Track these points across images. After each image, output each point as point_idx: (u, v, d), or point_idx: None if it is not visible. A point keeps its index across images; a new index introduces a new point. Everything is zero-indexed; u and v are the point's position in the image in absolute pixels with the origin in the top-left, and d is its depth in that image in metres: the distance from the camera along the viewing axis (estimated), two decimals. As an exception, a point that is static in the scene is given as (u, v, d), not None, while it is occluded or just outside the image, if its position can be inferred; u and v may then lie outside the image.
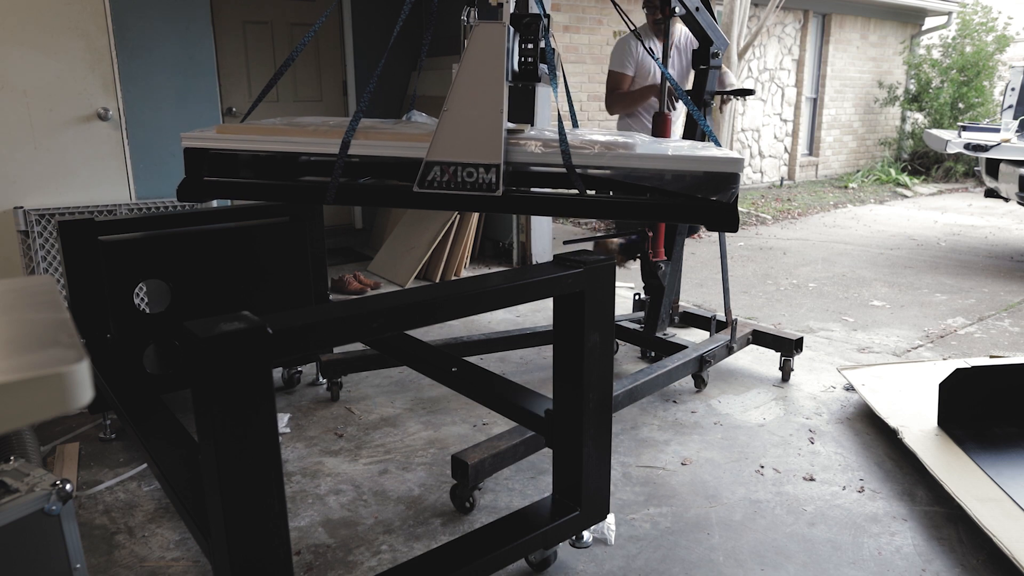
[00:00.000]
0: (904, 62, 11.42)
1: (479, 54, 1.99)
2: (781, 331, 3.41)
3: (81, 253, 2.59)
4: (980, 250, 6.26)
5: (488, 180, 2.01)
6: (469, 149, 2.01)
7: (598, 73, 7.62)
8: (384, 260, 5.22)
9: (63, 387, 0.74)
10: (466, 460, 2.20)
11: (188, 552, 2.10)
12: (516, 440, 2.31)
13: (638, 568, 2.02)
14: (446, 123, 2.01)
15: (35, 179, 3.25)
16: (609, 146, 2.02)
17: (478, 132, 2.00)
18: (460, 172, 2.02)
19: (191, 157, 2.25)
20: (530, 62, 2.08)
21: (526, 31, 2.06)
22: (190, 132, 2.28)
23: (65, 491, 1.50)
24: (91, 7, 3.23)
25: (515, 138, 2.08)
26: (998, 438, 2.54)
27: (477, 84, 2.00)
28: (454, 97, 2.00)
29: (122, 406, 2.40)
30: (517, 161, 2.07)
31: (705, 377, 3.18)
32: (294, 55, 2.29)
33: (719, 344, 3.20)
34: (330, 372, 3.10)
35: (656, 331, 3.42)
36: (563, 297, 1.84)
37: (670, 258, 3.37)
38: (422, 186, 2.04)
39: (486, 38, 1.98)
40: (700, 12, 2.98)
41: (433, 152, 2.03)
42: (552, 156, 2.03)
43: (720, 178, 1.94)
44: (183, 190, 2.29)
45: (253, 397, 1.34)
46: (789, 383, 3.30)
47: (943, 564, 2.05)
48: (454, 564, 1.75)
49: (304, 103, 5.92)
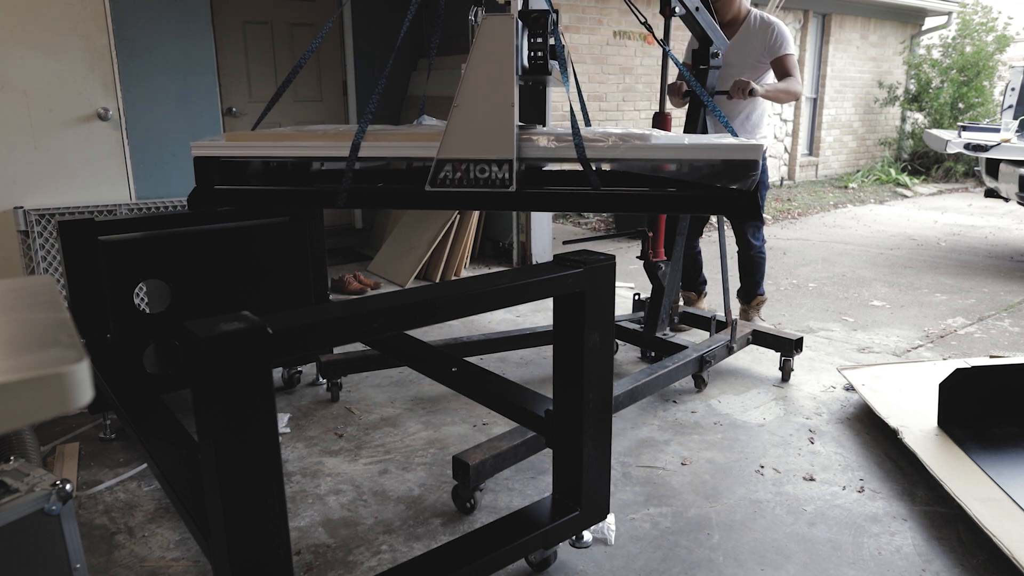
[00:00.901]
0: (904, 62, 11.42)
1: (488, 48, 1.97)
2: (781, 331, 3.41)
3: (81, 253, 2.59)
4: (980, 250, 6.26)
5: (501, 176, 1.99)
6: (481, 145, 1.99)
7: (598, 73, 7.62)
8: (384, 260, 5.22)
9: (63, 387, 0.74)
10: (467, 461, 2.20)
11: (188, 552, 2.10)
12: (517, 441, 2.31)
13: (638, 568, 2.02)
14: (456, 119, 1.99)
15: (35, 179, 3.25)
16: (624, 138, 2.00)
17: (489, 127, 1.98)
18: (472, 169, 2.00)
19: (201, 165, 2.24)
20: (540, 56, 2.06)
21: (535, 25, 2.04)
22: (200, 140, 2.27)
23: (65, 491, 1.50)
24: (91, 7, 3.23)
25: (527, 133, 2.07)
26: (998, 438, 2.54)
27: (487, 78, 1.98)
28: (464, 92, 1.98)
29: (122, 406, 2.40)
30: (530, 156, 2.05)
31: (705, 377, 3.18)
32: (302, 62, 2.29)
33: (719, 344, 3.20)
34: (329, 373, 3.09)
35: (656, 331, 3.42)
36: (563, 297, 1.84)
37: (670, 258, 3.36)
38: (434, 185, 2.02)
39: (494, 31, 1.96)
40: (700, 12, 2.98)
41: (444, 150, 2.01)
42: (566, 150, 2.01)
43: (739, 166, 1.92)
44: (194, 199, 2.28)
45: (253, 397, 1.34)
46: (789, 383, 3.30)
47: (943, 564, 2.05)
48: (454, 564, 1.75)
49: (304, 103, 5.92)
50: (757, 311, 3.96)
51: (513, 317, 4.24)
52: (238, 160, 2.24)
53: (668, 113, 3.13)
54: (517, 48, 1.99)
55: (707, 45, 3.12)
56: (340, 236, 6.14)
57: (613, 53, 7.76)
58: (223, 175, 2.26)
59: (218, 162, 2.23)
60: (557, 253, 1.92)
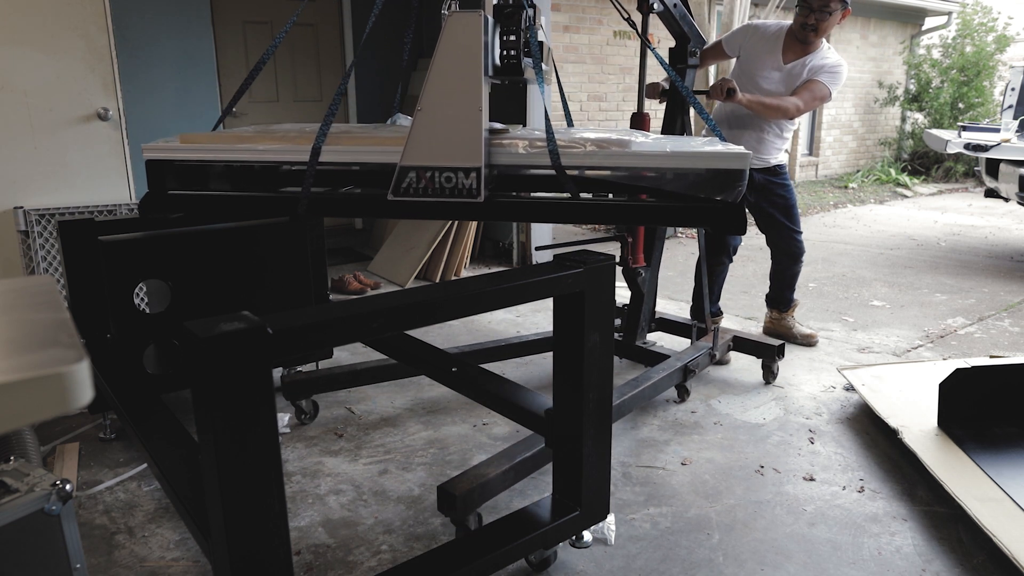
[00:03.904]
0: (904, 62, 11.41)
1: (453, 47, 1.83)
2: (762, 337, 3.34)
3: (81, 253, 2.59)
4: (980, 250, 6.26)
5: (468, 185, 1.84)
6: (446, 152, 1.85)
7: (598, 73, 7.62)
8: (384, 260, 5.22)
9: (63, 387, 0.74)
10: (454, 492, 2.02)
11: (188, 552, 2.10)
12: (505, 467, 2.16)
13: (638, 568, 2.02)
14: (420, 124, 1.86)
15: (35, 179, 3.24)
16: (601, 144, 1.88)
17: (455, 133, 1.84)
18: (438, 177, 1.86)
19: (154, 169, 2.08)
20: (512, 55, 1.93)
21: (507, 22, 1.91)
22: (152, 143, 2.12)
23: (65, 491, 1.50)
24: (91, 7, 3.23)
25: (499, 139, 1.93)
26: (998, 438, 2.54)
27: (452, 80, 1.84)
28: (428, 95, 1.84)
29: (122, 406, 2.40)
30: (502, 164, 1.92)
31: (689, 387, 3.06)
32: (260, 65, 2.16)
33: (702, 352, 3.11)
34: (294, 393, 2.83)
35: (636, 339, 3.32)
36: (563, 297, 1.84)
37: (649, 264, 3.25)
38: (397, 194, 1.89)
39: (460, 28, 1.82)
40: (677, 8, 2.88)
41: (408, 156, 1.87)
42: (540, 157, 1.88)
43: (725, 175, 1.81)
44: (146, 204, 2.13)
45: (253, 397, 1.34)
46: (789, 383, 3.30)
47: (943, 564, 2.05)
48: (454, 564, 1.75)
49: (304, 103, 5.92)
50: (794, 318, 3.89)
51: (513, 317, 4.24)
52: (192, 163, 2.08)
53: (646, 113, 3.02)
54: (486, 47, 1.85)
55: (684, 43, 3.02)
56: (340, 236, 6.14)
57: (613, 53, 7.76)
58: (181, 179, 2.10)
59: (172, 165, 2.08)
60: (557, 253, 1.91)
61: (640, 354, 3.25)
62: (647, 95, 3.20)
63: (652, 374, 2.87)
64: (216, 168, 2.08)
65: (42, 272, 3.24)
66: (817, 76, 3.25)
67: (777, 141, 3.48)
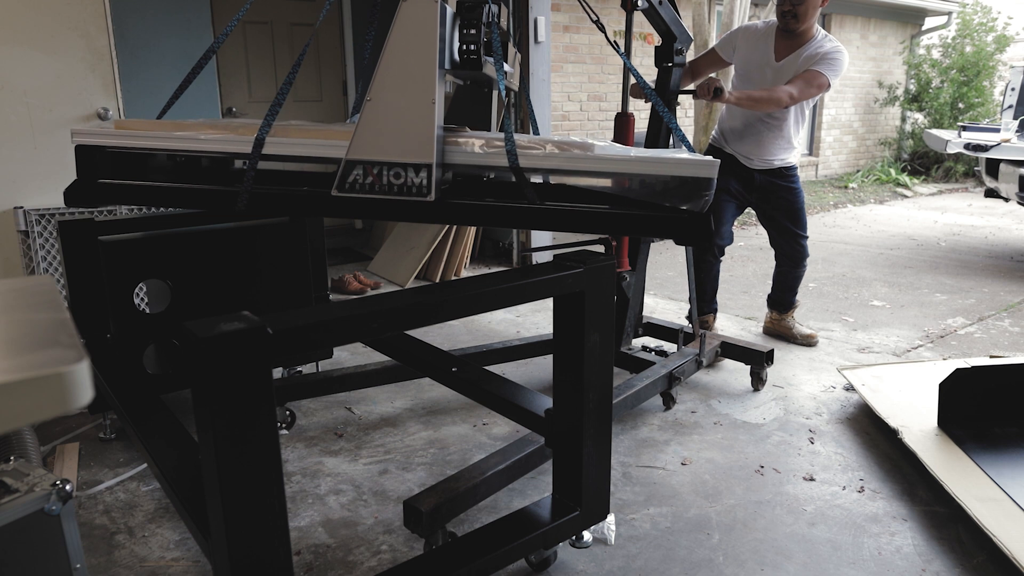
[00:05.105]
0: (904, 62, 11.41)
1: (406, 35, 1.74)
2: (751, 343, 3.29)
3: (81, 253, 2.59)
4: (980, 250, 6.26)
5: (419, 183, 1.73)
6: (396, 146, 1.74)
7: (598, 73, 7.62)
8: (384, 260, 5.22)
9: (63, 387, 0.74)
10: (420, 507, 1.94)
11: (188, 552, 2.10)
12: (477, 480, 2.08)
13: (638, 568, 2.02)
14: (369, 115, 1.75)
15: (35, 179, 3.24)
16: (563, 146, 1.77)
17: (406, 126, 1.73)
18: (386, 173, 1.75)
19: (83, 156, 1.96)
20: (472, 50, 1.83)
21: (468, 15, 1.82)
22: (82, 127, 1.98)
23: (65, 491, 1.50)
24: (91, 7, 3.23)
25: (454, 136, 1.83)
26: (998, 438, 2.54)
27: (405, 70, 1.74)
28: (378, 85, 1.74)
29: (122, 406, 2.40)
30: (455, 162, 1.81)
31: (674, 395, 3.00)
32: (203, 62, 2.05)
33: (687, 359, 3.06)
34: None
35: (621, 345, 3.25)
36: (563, 297, 1.84)
37: (634, 268, 3.18)
38: (342, 190, 1.77)
39: (413, 17, 1.73)
40: (663, 6, 2.83)
41: (355, 150, 1.75)
42: (496, 157, 1.77)
43: (692, 184, 1.71)
44: (72, 194, 2.01)
45: (253, 397, 1.34)
46: (789, 383, 3.30)
47: (943, 564, 2.05)
48: (454, 564, 1.75)
49: (304, 103, 5.92)
50: (794, 318, 3.89)
51: (513, 317, 4.24)
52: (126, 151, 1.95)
53: (631, 114, 2.95)
54: (443, 38, 1.76)
55: (670, 41, 2.96)
56: (340, 236, 6.14)
57: (613, 53, 7.72)
58: (116, 167, 1.97)
59: (104, 152, 1.95)
60: (557, 253, 1.91)
61: (625, 360, 3.17)
62: (632, 95, 3.14)
63: (635, 382, 2.80)
64: (152, 157, 1.97)
65: (42, 272, 3.24)
66: (814, 65, 3.19)
67: (780, 141, 3.43)
